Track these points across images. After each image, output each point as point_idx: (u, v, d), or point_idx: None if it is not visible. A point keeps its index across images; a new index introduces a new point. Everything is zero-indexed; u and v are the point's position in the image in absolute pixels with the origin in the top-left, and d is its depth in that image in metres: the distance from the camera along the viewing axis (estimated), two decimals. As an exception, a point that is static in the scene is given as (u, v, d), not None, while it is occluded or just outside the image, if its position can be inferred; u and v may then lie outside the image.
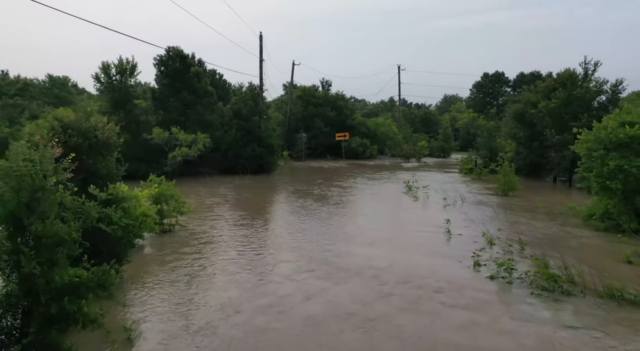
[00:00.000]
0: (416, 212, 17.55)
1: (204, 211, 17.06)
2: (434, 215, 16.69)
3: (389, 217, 16.49)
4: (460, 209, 17.62)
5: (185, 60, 28.34)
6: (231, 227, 14.60)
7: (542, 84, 30.21)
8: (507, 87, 72.67)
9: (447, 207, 18.29)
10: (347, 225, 15.07)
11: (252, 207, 18.25)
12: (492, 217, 15.96)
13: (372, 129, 47.68)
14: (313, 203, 19.07)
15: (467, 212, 16.96)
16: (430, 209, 17.93)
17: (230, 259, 11.00)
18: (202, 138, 26.50)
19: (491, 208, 17.86)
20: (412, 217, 16.38)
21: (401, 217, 16.44)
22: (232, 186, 24.78)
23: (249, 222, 15.34)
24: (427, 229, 14.16)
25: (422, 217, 16.56)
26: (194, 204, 18.35)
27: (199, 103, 28.92)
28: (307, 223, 15.27)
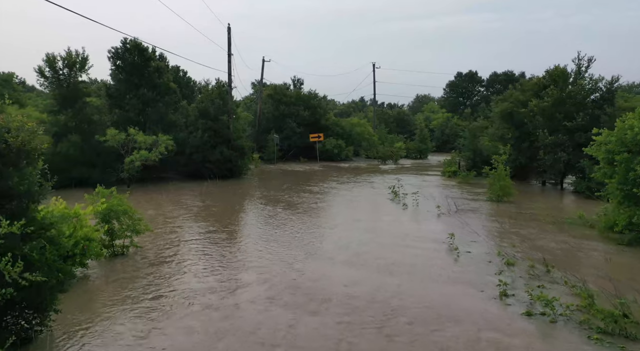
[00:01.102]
0: (408, 222, 15.77)
1: (164, 224, 14.75)
2: (430, 226, 14.97)
3: (376, 229, 14.59)
4: (458, 219, 15.99)
5: (144, 53, 25.73)
6: (193, 244, 12.40)
7: (527, 82, 29.24)
8: (480, 86, 72.62)
9: (442, 216, 16.64)
10: (326, 239, 13.14)
11: (218, 218, 16.05)
12: (498, 229, 14.36)
13: (347, 130, 46.01)
14: (286, 212, 17.05)
15: (467, 222, 15.33)
16: (423, 219, 16.21)
17: (190, 290, 8.97)
18: (164, 140, 23.99)
19: (492, 217, 16.31)
20: (404, 229, 14.57)
21: (391, 229, 14.57)
22: (198, 193, 22.42)
23: (214, 237, 13.17)
24: (426, 245, 12.39)
25: (417, 228, 14.78)
26: (154, 217, 15.99)
27: (160, 101, 26.36)
28: (279, 236, 13.27)
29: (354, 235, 13.64)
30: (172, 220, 15.68)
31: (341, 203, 19.72)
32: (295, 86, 50.36)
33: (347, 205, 19.31)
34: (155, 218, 15.94)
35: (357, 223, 15.45)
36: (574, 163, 21.38)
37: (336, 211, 17.83)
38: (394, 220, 15.91)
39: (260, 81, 46.56)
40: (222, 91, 29.48)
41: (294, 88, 49.48)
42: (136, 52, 25.57)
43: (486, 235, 13.55)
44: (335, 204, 19.51)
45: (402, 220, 16.08)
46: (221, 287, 9.16)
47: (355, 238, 13.25)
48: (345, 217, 16.64)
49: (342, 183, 27.31)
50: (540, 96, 24.29)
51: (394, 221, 15.80)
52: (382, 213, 17.37)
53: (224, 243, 12.68)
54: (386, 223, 15.48)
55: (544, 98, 23.05)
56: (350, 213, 17.33)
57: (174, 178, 28.29)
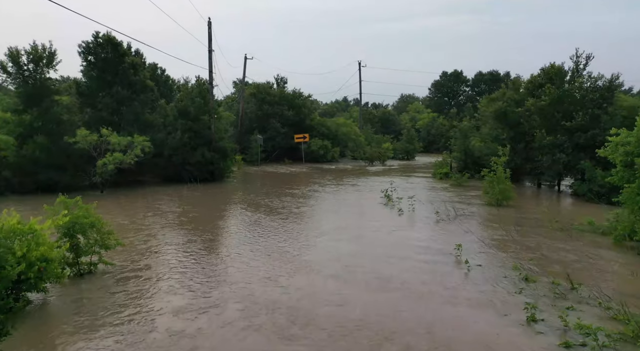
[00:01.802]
0: (405, 230, 14.69)
1: (137, 234, 13.37)
2: (430, 234, 13.94)
3: (369, 238, 13.48)
4: (459, 226, 15.00)
5: (118, 48, 24.14)
6: (168, 256, 11.09)
7: (518, 81, 28.60)
8: (465, 86, 72.40)
9: (441, 222, 15.65)
10: (313, 249, 12.02)
11: (197, 226, 14.72)
12: (504, 237, 13.40)
13: (333, 130, 44.90)
14: (270, 218, 15.82)
15: (469, 229, 14.34)
16: (422, 226, 15.18)
17: (158, 311, 7.84)
18: (141, 141, 22.48)
19: (495, 224, 15.36)
20: (401, 238, 13.48)
21: (386, 238, 13.47)
22: (177, 198, 21.01)
23: (191, 248, 11.87)
24: (429, 257, 11.34)
25: (416, 237, 13.71)
26: (127, 226, 14.59)
27: (136, 99, 24.81)
28: (261, 247, 12.13)
29: (344, 245, 12.53)
30: (147, 229, 14.29)
31: (330, 209, 18.58)
32: (278, 85, 49.01)
33: (336, 211, 18.19)
34: (128, 227, 14.55)
35: (348, 231, 14.33)
36: (573, 165, 20.66)
37: (325, 217, 16.67)
38: (389, 228, 14.81)
39: (242, 79, 45.13)
40: (203, 89, 28.05)
41: (278, 87, 48.14)
42: (109, 46, 23.98)
43: (494, 244, 12.56)
44: (323, 210, 18.35)
45: (398, 227, 15.00)
46: (193, 308, 8.11)
47: (346, 249, 12.15)
48: (335, 224, 15.50)
49: (329, 186, 26.17)
50: (535, 95, 23.57)
51: (389, 228, 14.70)
52: (376, 220, 16.28)
53: (202, 256, 11.42)
54: (380, 230, 14.37)
55: (541, 97, 22.31)
56: (340, 220, 16.20)
57: (151, 182, 26.76)
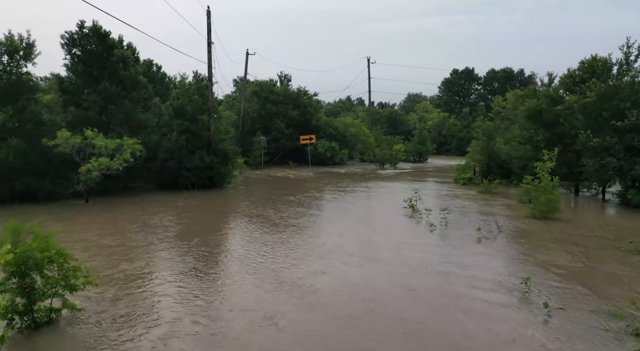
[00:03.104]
0: (443, 252, 12.27)
1: (122, 260, 10.98)
2: (479, 259, 11.53)
3: (399, 263, 11.01)
4: (509, 246, 12.63)
5: (106, 39, 21.78)
6: (157, 301, 8.66)
7: (552, 77, 26.17)
8: (477, 84, 69.99)
9: (484, 241, 13.28)
10: (325, 278, 9.67)
11: (193, 249, 12.33)
12: (573, 264, 10.98)
13: (341, 131, 42.54)
14: (277, 235, 13.43)
15: (525, 252, 11.96)
16: (463, 247, 12.75)
17: None
18: (131, 144, 20.14)
19: (552, 243, 12.94)
20: (442, 264, 11.07)
21: (423, 265, 11.07)
22: (172, 209, 18.65)
23: (185, 284, 9.43)
24: (488, 296, 8.91)
25: (461, 263, 11.26)
26: (108, 248, 12.20)
27: (127, 97, 22.45)
28: (264, 272, 9.74)
29: (365, 273, 10.19)
30: (133, 252, 11.91)
31: (346, 222, 16.21)
32: (282, 83, 46.72)
33: (353, 225, 15.82)
34: (111, 249, 12.17)
35: (369, 251, 11.98)
36: (626, 171, 18.25)
37: (340, 234, 14.27)
38: (423, 248, 12.43)
39: (244, 76, 42.79)
40: (202, 86, 25.70)
41: (281, 85, 45.82)
42: (96, 38, 21.63)
43: (564, 274, 10.17)
44: (338, 223, 15.96)
45: (433, 247, 12.61)
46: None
47: (368, 278, 9.81)
48: (353, 242, 13.12)
49: (341, 192, 23.81)
50: (575, 91, 21.19)
51: (422, 249, 12.32)
52: (404, 236, 13.91)
53: (195, 288, 9.05)
54: (412, 253, 11.97)
55: (584, 93, 19.91)
56: (358, 237, 13.83)
57: (144, 189, 24.42)
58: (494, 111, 59.55)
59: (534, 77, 68.31)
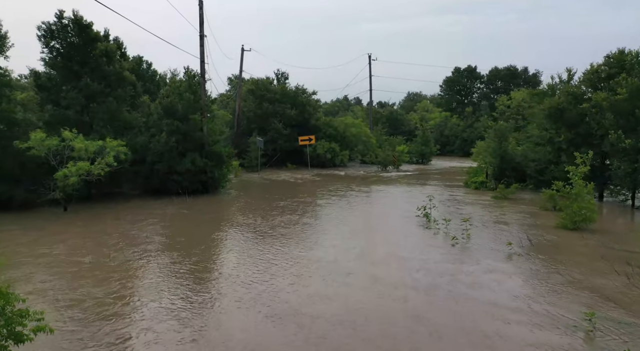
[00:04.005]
0: (472, 272, 10.59)
1: (87, 285, 9.22)
2: (517, 283, 9.86)
3: (423, 289, 9.32)
4: (546, 265, 10.98)
5: (87, 31, 19.99)
6: (128, 334, 6.93)
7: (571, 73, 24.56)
8: (479, 83, 68.44)
9: (515, 257, 11.65)
10: (329, 309, 7.93)
11: (177, 266, 10.60)
12: (630, 290, 9.33)
13: (341, 131, 40.83)
14: (277, 254, 11.72)
15: (569, 273, 10.30)
16: (493, 266, 11.06)
17: None
18: (114, 146, 18.38)
19: (596, 261, 11.29)
20: (473, 289, 9.40)
21: (452, 290, 9.36)
22: (159, 219, 16.90)
23: (169, 318, 7.72)
24: (542, 337, 7.25)
25: (495, 288, 9.63)
26: (82, 270, 10.42)
27: (111, 94, 20.67)
28: (263, 306, 7.99)
29: (377, 299, 8.50)
30: (105, 272, 10.16)
31: (355, 235, 14.53)
32: (279, 81, 45.02)
33: (363, 237, 14.16)
34: (79, 268, 10.40)
35: (382, 271, 10.31)
36: (663, 175, 16.69)
37: (347, 249, 12.58)
38: (444, 268, 10.73)
39: (239, 74, 41.04)
40: (193, 83, 23.95)
41: (278, 83, 44.10)
42: (76, 29, 19.84)
43: (628, 303, 8.51)
44: (345, 236, 14.27)
45: (456, 265, 10.92)
46: None
47: (380, 306, 8.15)
48: (363, 260, 11.44)
49: (345, 198, 22.13)
50: (600, 88, 19.61)
51: (444, 269, 10.63)
52: (421, 252, 12.23)
53: (173, 322, 7.33)
54: (436, 274, 10.27)
55: (614, 90, 18.32)
56: (369, 253, 12.14)
57: (130, 195, 22.66)
58: (499, 110, 58.57)
59: (538, 75, 67.50)
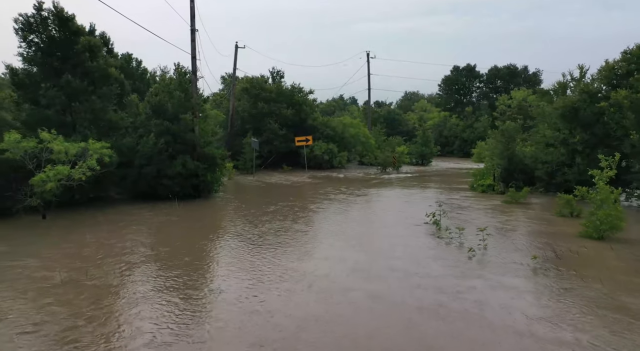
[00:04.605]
0: (500, 296, 9.39)
1: (48, 315, 7.91)
2: (549, 307, 8.66)
3: (441, 318, 8.19)
4: (578, 283, 9.79)
5: (69, 24, 18.66)
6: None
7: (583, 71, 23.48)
8: (478, 82, 67.46)
9: (541, 272, 10.48)
10: (331, 339, 6.73)
11: (167, 281, 9.33)
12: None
13: (339, 131, 39.64)
14: (274, 270, 10.47)
15: (614, 295, 9.11)
16: (517, 284, 9.87)
17: None
18: (98, 148, 17.07)
19: (635, 277, 10.13)
20: (499, 314, 8.21)
21: (473, 314, 8.21)
22: (145, 227, 15.60)
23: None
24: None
25: (523, 310, 8.43)
26: (40, 288, 9.08)
27: (95, 93, 19.35)
28: (253, 336, 6.77)
29: (393, 333, 7.25)
30: (74, 295, 8.85)
31: (359, 245, 13.29)
32: (274, 79, 43.72)
33: (368, 249, 12.90)
34: (43, 291, 9.09)
35: (390, 289, 9.04)
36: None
37: (351, 261, 11.34)
38: (462, 285, 9.52)
39: (233, 72, 39.73)
40: (184, 80, 22.65)
41: (274, 82, 42.83)
42: (57, 22, 18.50)
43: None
44: (349, 246, 13.03)
45: (476, 282, 9.71)
46: None
47: (394, 343, 6.91)
48: (368, 275, 10.20)
49: (345, 202, 20.91)
50: (618, 85, 18.50)
51: (461, 286, 9.42)
52: (435, 266, 11.01)
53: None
54: (449, 292, 9.05)
55: (634, 87, 17.23)
56: (375, 267, 10.89)
57: (117, 200, 21.32)
58: (499, 110, 57.56)
59: (539, 74, 66.59)
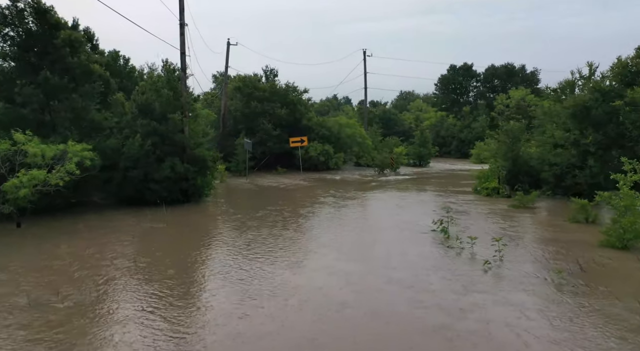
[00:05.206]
0: (517, 314, 8.36)
1: (22, 344, 6.79)
2: (579, 334, 7.65)
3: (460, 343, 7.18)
4: (625, 309, 8.77)
5: (47, 15, 17.43)
6: None
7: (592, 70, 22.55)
8: (475, 81, 66.72)
9: (568, 288, 9.46)
10: None
11: (151, 298, 8.21)
12: None
13: (335, 132, 38.58)
14: (266, 278, 9.38)
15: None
16: (539, 304, 8.86)
17: None
18: (78, 151, 15.87)
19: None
20: (519, 343, 7.20)
21: (488, 341, 7.20)
22: (128, 237, 14.40)
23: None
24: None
25: (546, 337, 7.42)
26: (18, 311, 7.93)
27: (76, 91, 18.13)
28: None
29: None
30: (34, 326, 7.70)
31: (363, 255, 12.22)
32: (267, 78, 42.61)
33: (373, 259, 11.82)
34: (6, 323, 7.92)
35: (397, 311, 7.98)
36: None
37: (356, 277, 10.28)
38: (480, 307, 8.48)
39: (225, 70, 38.56)
40: (173, 78, 21.46)
41: (267, 80, 41.71)
42: (34, 15, 17.27)
43: None
44: (352, 257, 11.96)
45: (495, 300, 8.67)
46: None
47: None
48: (368, 295, 9.13)
49: (343, 207, 19.85)
50: (632, 83, 17.60)
51: (481, 309, 8.38)
52: (439, 282, 9.95)
53: None
54: (469, 314, 8.01)
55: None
56: (377, 284, 9.83)
57: (101, 206, 20.11)
58: (497, 110, 56.82)
59: (536, 73, 65.92)
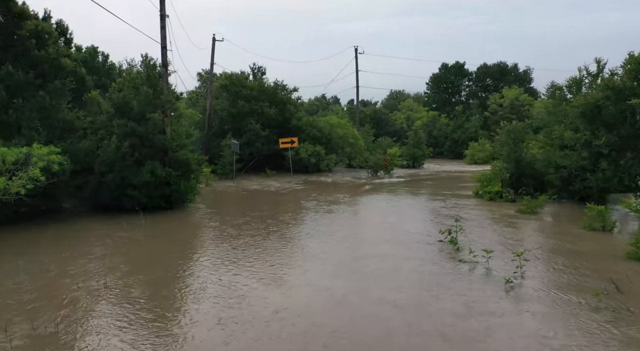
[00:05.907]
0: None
1: None
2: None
3: None
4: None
5: (10, 3, 15.77)
6: None
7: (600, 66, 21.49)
8: (467, 80, 65.90)
9: (605, 313, 8.22)
10: None
11: (118, 327, 6.77)
12: None
13: (326, 132, 37.21)
14: (249, 296, 8.00)
15: None
16: (580, 338, 7.60)
17: None
18: (45, 154, 14.27)
19: None
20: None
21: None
22: (98, 250, 12.80)
23: None
24: None
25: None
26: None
27: (43, 87, 16.50)
28: None
29: None
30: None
31: (366, 270, 10.86)
32: (255, 76, 41.11)
33: (371, 275, 10.47)
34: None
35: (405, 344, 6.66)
36: None
37: (342, 293, 8.92)
38: (505, 332, 7.18)
39: (210, 67, 36.94)
40: (153, 74, 19.90)
41: (255, 78, 40.20)
42: (-4, 2, 15.65)
43: None
44: (348, 272, 10.59)
45: (522, 332, 7.38)
46: None
47: None
48: (378, 320, 7.79)
49: (337, 213, 18.53)
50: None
51: (492, 334, 7.08)
52: (452, 304, 8.64)
53: None
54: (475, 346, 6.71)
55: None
56: (387, 310, 8.48)
57: (74, 214, 18.50)
58: (491, 109, 56.01)
59: (529, 72, 65.32)
